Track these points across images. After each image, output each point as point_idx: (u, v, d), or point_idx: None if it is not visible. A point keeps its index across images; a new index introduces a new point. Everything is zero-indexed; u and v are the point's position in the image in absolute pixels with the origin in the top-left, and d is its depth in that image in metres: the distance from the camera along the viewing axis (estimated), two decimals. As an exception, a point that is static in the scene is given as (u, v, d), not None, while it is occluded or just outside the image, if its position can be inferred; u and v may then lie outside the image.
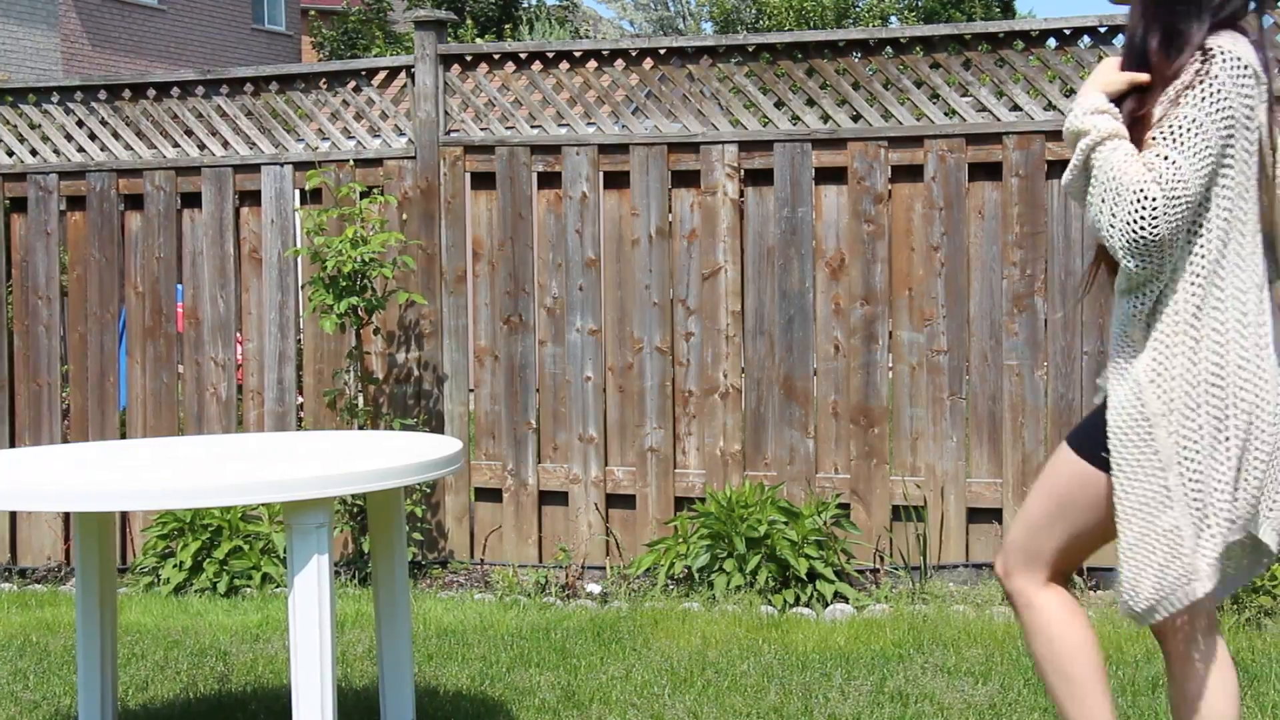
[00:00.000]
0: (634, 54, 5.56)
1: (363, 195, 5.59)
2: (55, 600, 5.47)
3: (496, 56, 5.69)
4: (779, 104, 5.46)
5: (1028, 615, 2.64)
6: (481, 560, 5.67)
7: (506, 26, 26.97)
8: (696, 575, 5.09)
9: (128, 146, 6.04)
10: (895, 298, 5.31)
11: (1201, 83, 2.38)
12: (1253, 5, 2.52)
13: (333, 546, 3.07)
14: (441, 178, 5.68)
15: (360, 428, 5.51)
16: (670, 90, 5.49)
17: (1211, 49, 2.41)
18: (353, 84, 5.83)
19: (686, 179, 5.47)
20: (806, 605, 4.97)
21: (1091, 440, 2.54)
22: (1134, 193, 2.36)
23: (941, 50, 5.25)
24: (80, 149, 6.09)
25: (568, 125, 5.69)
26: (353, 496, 5.39)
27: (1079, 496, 2.57)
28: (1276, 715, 3.69)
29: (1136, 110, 2.48)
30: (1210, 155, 2.37)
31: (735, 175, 5.40)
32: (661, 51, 5.52)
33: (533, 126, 5.72)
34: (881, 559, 5.28)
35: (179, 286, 6.02)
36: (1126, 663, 4.17)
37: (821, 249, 5.36)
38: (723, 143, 5.39)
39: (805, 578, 5.00)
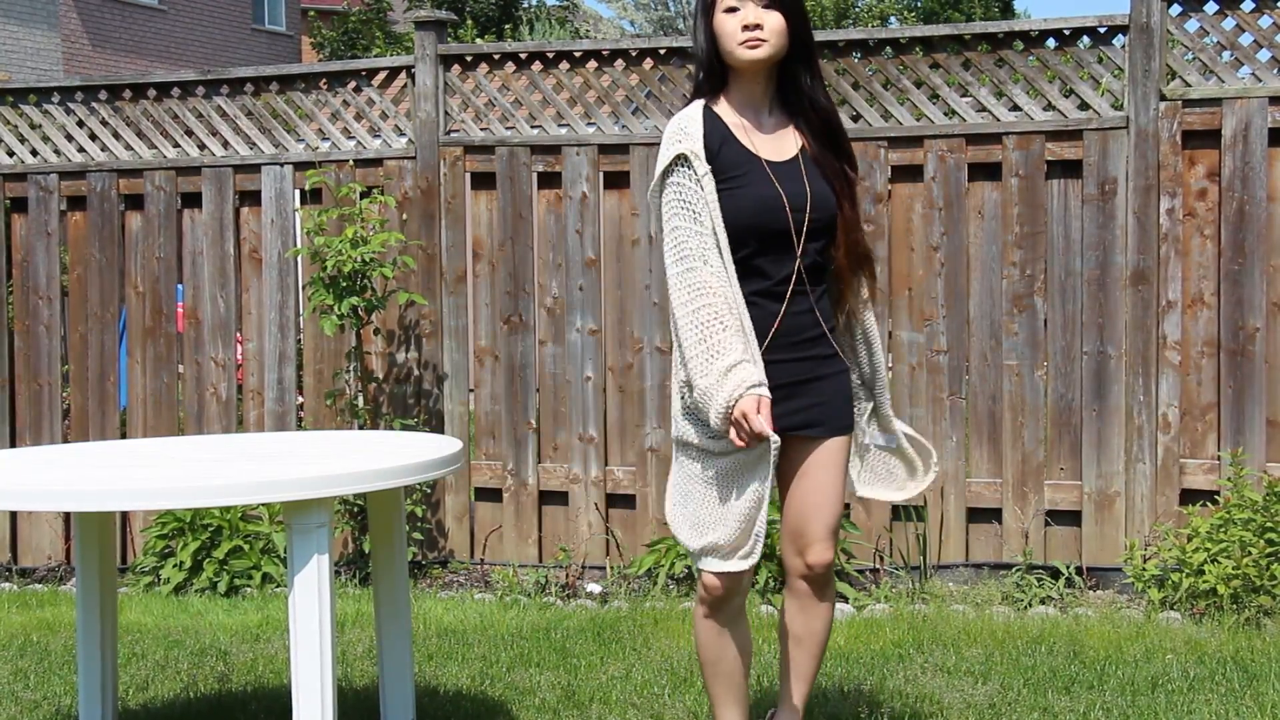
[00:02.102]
0: (634, 54, 5.56)
1: (363, 195, 5.60)
2: (55, 600, 5.47)
3: (496, 57, 5.69)
4: (779, 104, 5.46)
5: (831, 590, 3.16)
6: (481, 560, 5.67)
7: (506, 27, 26.97)
8: (697, 575, 5.09)
9: (128, 147, 6.04)
10: (895, 298, 5.31)
11: None
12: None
13: (333, 546, 3.08)
14: (441, 178, 5.68)
15: (360, 427, 5.51)
16: (670, 90, 5.49)
17: None
18: (353, 84, 5.83)
19: (686, 179, 5.46)
20: (806, 605, 4.97)
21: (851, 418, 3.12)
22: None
23: (941, 50, 5.25)
24: (81, 149, 6.10)
25: (568, 125, 5.69)
26: (353, 496, 5.40)
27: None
28: (1276, 715, 3.69)
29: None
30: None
31: (735, 175, 5.39)
32: (661, 51, 5.52)
33: (533, 126, 5.73)
34: (881, 559, 5.28)
35: (179, 286, 6.03)
36: (1126, 662, 4.17)
37: (821, 249, 5.35)
38: (723, 143, 5.39)
39: (805, 577, 5.00)
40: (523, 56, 5.66)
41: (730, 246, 2.89)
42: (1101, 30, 5.11)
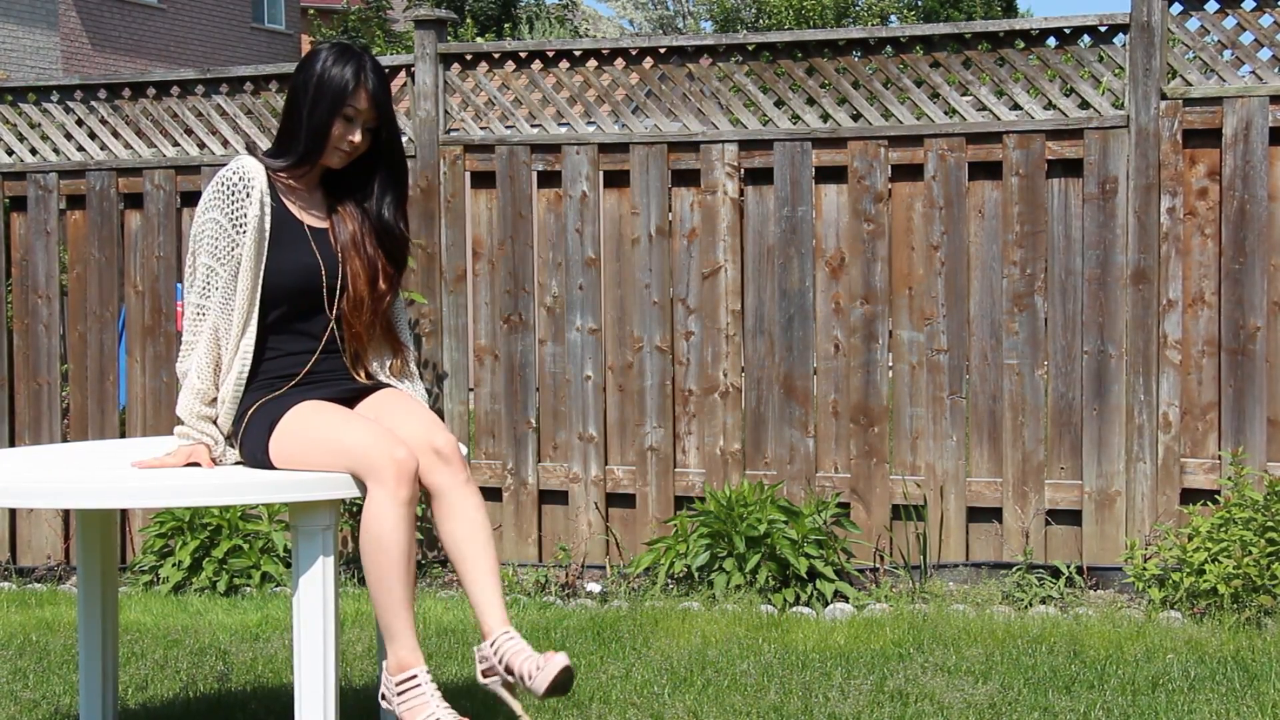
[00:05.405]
0: (634, 53, 5.56)
1: (363, 194, 5.58)
2: (55, 599, 5.47)
3: (496, 55, 5.69)
4: (779, 103, 5.46)
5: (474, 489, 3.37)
6: (481, 559, 5.66)
7: (506, 25, 26.98)
8: (696, 574, 5.09)
9: (127, 145, 6.04)
10: (895, 297, 5.30)
11: None
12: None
13: (338, 548, 3.07)
14: (441, 177, 5.68)
15: (360, 427, 5.50)
16: (670, 89, 5.49)
17: None
18: (353, 83, 5.82)
19: (686, 178, 5.47)
20: (806, 604, 4.97)
21: None
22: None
23: (941, 49, 5.25)
24: (80, 148, 6.09)
25: (568, 124, 5.69)
26: (353, 496, 5.38)
27: None
28: (1277, 715, 3.69)
29: None
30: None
31: (735, 174, 5.40)
32: (661, 50, 5.52)
33: (533, 125, 5.72)
34: (881, 558, 5.28)
35: (179, 285, 6.02)
36: (1127, 662, 4.17)
37: (821, 248, 5.36)
38: (723, 142, 5.39)
39: (805, 577, 5.00)
40: (523, 55, 5.66)
41: (265, 303, 3.15)
42: (1102, 29, 5.11)
